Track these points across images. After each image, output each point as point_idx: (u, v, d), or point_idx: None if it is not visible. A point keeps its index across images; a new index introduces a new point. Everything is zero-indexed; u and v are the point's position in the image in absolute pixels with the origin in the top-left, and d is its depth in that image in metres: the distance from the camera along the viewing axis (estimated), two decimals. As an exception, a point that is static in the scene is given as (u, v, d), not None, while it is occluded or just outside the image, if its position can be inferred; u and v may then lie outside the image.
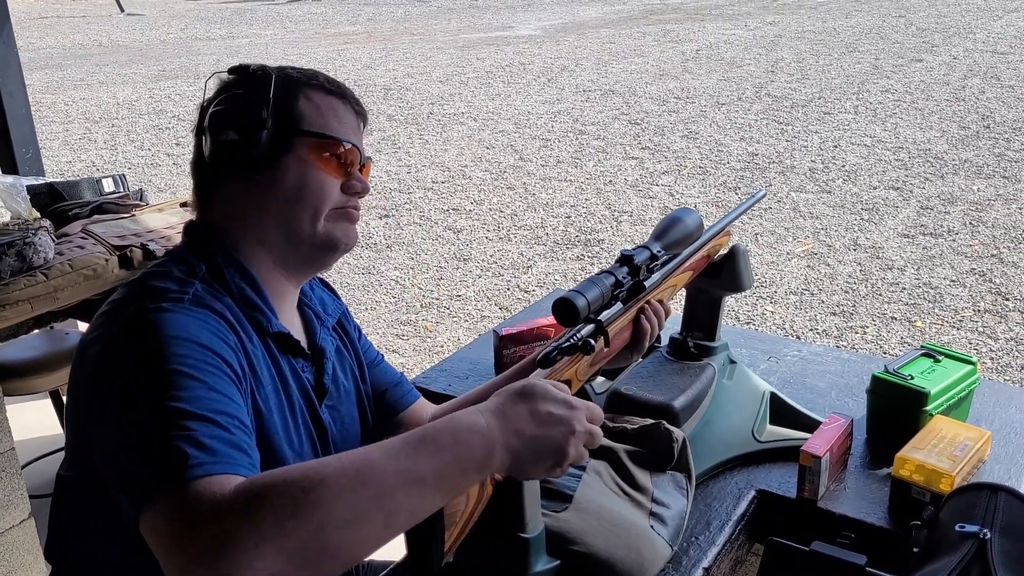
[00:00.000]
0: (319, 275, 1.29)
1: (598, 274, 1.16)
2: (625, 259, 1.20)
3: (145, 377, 0.91)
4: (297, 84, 1.15)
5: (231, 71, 1.16)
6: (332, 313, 1.30)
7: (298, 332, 1.21)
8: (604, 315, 1.18)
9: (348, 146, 1.15)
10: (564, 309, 1.09)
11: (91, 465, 0.98)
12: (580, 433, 0.93)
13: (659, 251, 1.25)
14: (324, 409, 1.20)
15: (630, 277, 1.20)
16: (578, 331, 1.15)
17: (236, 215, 1.13)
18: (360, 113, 1.21)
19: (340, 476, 0.78)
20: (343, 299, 1.39)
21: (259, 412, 1.06)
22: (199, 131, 1.15)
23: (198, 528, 0.77)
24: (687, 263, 1.37)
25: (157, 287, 1.02)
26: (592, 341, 1.16)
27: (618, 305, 1.21)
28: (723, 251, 1.53)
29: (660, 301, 1.30)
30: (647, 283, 1.26)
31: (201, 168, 1.16)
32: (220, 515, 0.77)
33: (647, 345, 1.27)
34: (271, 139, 1.10)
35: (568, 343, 1.13)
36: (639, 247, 1.24)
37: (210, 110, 1.13)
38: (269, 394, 1.09)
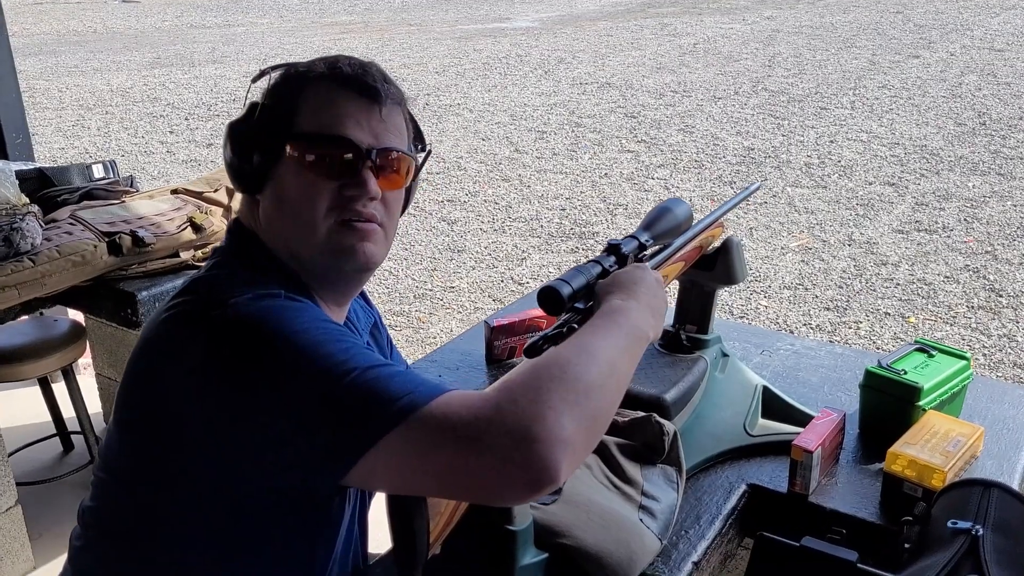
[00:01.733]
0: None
1: (585, 263, 1.14)
2: (612, 248, 1.18)
3: (294, 354, 0.86)
4: (297, 80, 1.05)
5: (255, 78, 1.10)
6: (364, 325, 1.24)
7: None
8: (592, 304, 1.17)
9: (338, 140, 1.01)
10: (549, 297, 1.07)
11: (163, 488, 0.94)
12: (662, 280, 1.14)
13: (647, 240, 1.24)
14: None
15: (618, 266, 1.18)
16: (567, 320, 1.14)
17: (263, 230, 1.07)
18: (375, 98, 1.04)
19: (579, 354, 0.89)
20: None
21: None
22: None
23: (490, 420, 0.80)
24: (679, 254, 1.35)
25: (235, 287, 0.95)
26: (578, 328, 1.14)
27: None
28: (716, 243, 1.51)
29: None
30: None
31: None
32: (503, 405, 0.81)
33: None
34: (263, 151, 1.03)
35: (555, 332, 1.12)
36: (627, 237, 1.23)
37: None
38: None
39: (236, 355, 0.88)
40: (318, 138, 1.02)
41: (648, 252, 1.27)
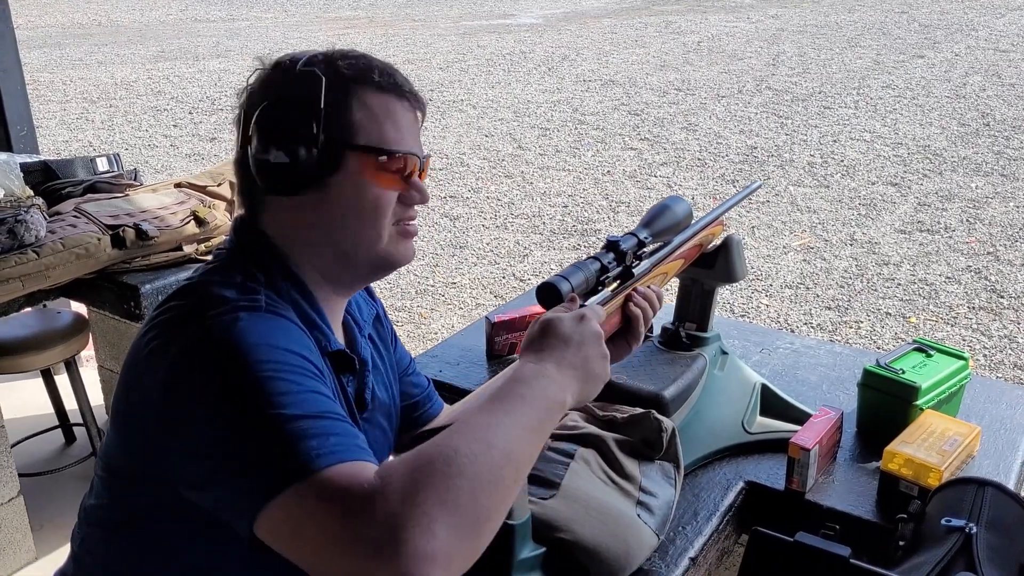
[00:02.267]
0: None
1: (584, 259, 1.15)
2: (611, 245, 1.19)
3: (239, 388, 0.85)
4: (350, 86, 1.01)
5: (276, 65, 1.03)
6: (367, 318, 1.23)
7: (343, 342, 1.15)
8: (591, 300, 1.17)
9: (406, 156, 1.03)
10: (547, 293, 1.08)
11: (153, 488, 0.94)
12: (602, 333, 1.02)
13: (646, 237, 1.24)
14: (362, 422, 1.14)
15: (616, 262, 1.19)
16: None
17: (285, 232, 1.04)
18: (418, 106, 1.07)
19: (470, 443, 0.81)
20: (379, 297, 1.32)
21: None
22: (242, 129, 1.03)
23: (354, 511, 0.76)
24: (679, 251, 1.36)
25: (224, 295, 0.94)
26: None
27: (606, 291, 1.20)
28: (717, 241, 1.52)
29: (650, 287, 1.28)
30: (636, 270, 1.25)
31: (245, 172, 1.04)
32: (375, 497, 0.76)
33: (642, 332, 1.25)
34: (321, 158, 0.99)
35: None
36: (626, 234, 1.23)
37: (254, 117, 1.00)
38: None
39: (196, 372, 0.88)
40: (387, 152, 1.02)
41: (648, 249, 1.28)
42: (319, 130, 0.98)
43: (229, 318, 0.90)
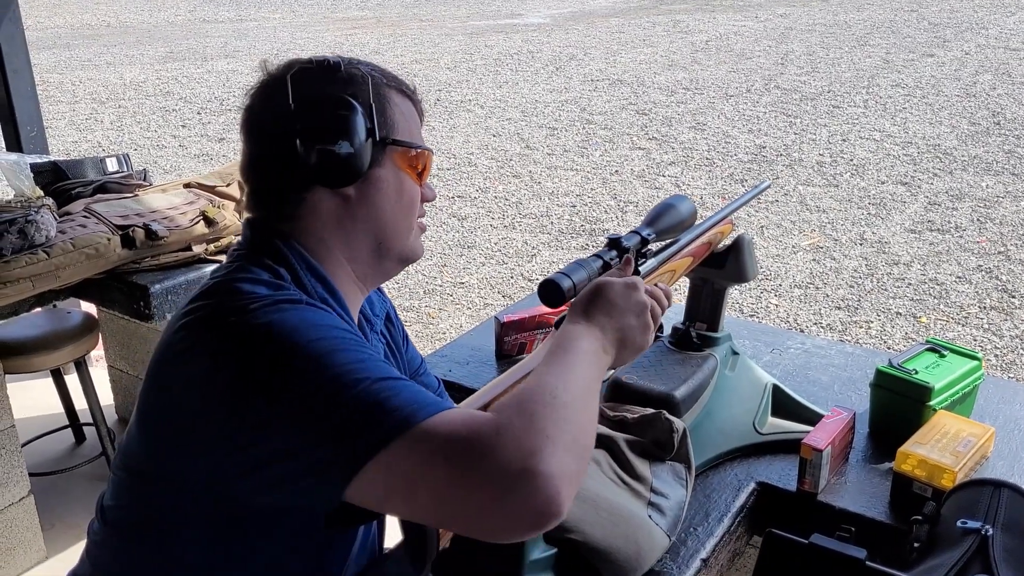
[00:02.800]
0: None
1: (586, 257, 1.14)
2: (613, 242, 1.18)
3: (309, 361, 0.86)
4: (383, 87, 1.07)
5: (308, 62, 1.05)
6: (379, 314, 1.24)
7: None
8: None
9: (430, 153, 1.12)
10: (549, 290, 1.08)
11: (176, 489, 0.93)
12: (649, 305, 1.07)
13: (649, 235, 1.24)
14: None
15: (619, 260, 1.18)
16: (557, 322, 1.14)
17: (323, 231, 1.05)
18: (422, 112, 1.15)
19: (553, 380, 0.88)
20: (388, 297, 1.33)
21: None
22: (274, 127, 1.03)
23: (486, 444, 0.79)
24: (687, 249, 1.35)
25: (256, 292, 0.94)
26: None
27: None
28: (727, 241, 1.51)
29: (657, 285, 1.27)
30: (643, 268, 1.24)
31: (273, 173, 1.05)
32: (501, 430, 0.80)
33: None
34: (372, 150, 1.04)
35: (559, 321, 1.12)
36: (630, 232, 1.23)
37: (298, 111, 1.01)
38: None
39: (248, 366, 0.87)
40: (418, 148, 1.09)
41: (656, 247, 1.27)
42: (372, 124, 1.03)
43: (273, 308, 0.91)
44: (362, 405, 0.83)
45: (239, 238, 1.09)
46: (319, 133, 1.00)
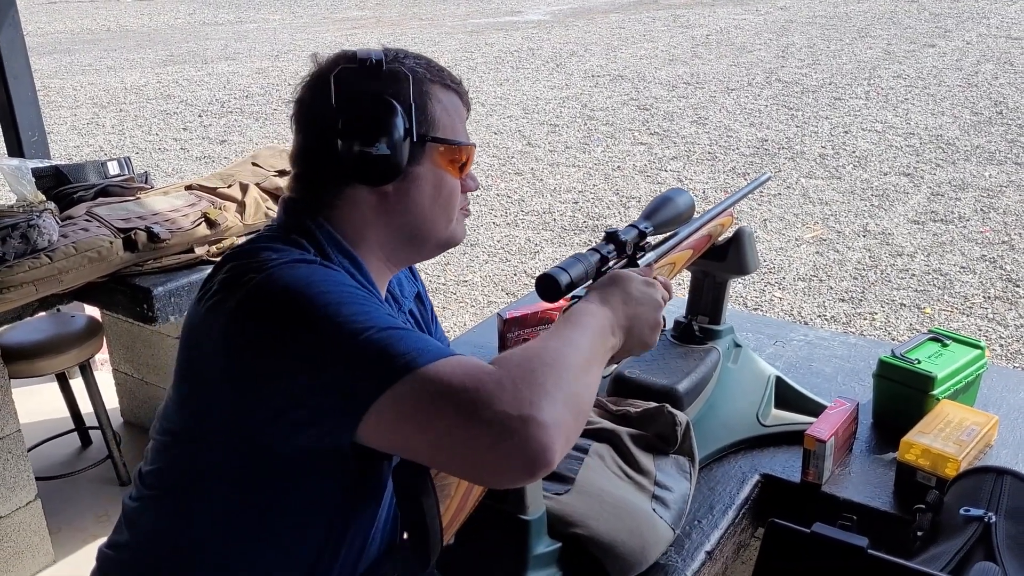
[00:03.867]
0: None
1: (584, 251, 1.15)
2: (611, 236, 1.19)
3: (322, 308, 0.90)
4: (427, 83, 1.09)
5: (352, 60, 1.07)
6: (407, 295, 1.28)
7: None
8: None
9: (470, 148, 1.14)
10: (546, 285, 1.08)
11: (213, 445, 0.98)
12: (663, 304, 1.10)
13: (647, 228, 1.24)
14: None
15: (617, 253, 1.18)
16: (568, 308, 1.14)
17: (360, 223, 1.09)
18: (468, 104, 1.18)
19: (558, 344, 0.93)
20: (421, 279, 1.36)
21: None
22: (316, 121, 1.07)
23: (489, 391, 0.83)
24: (686, 241, 1.35)
25: (277, 256, 0.99)
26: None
27: None
28: (728, 233, 1.51)
29: (656, 278, 1.27)
30: (641, 261, 1.24)
31: (317, 165, 1.08)
32: (503, 379, 0.84)
33: None
34: (411, 150, 1.06)
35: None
36: (628, 226, 1.23)
37: (340, 110, 1.04)
38: None
39: (261, 319, 0.92)
40: (457, 144, 1.11)
41: (655, 240, 1.27)
42: (411, 123, 1.05)
43: (287, 266, 0.95)
44: (368, 351, 0.87)
45: (265, 227, 1.11)
46: (358, 133, 1.03)
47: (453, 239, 1.17)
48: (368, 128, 1.03)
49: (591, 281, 1.16)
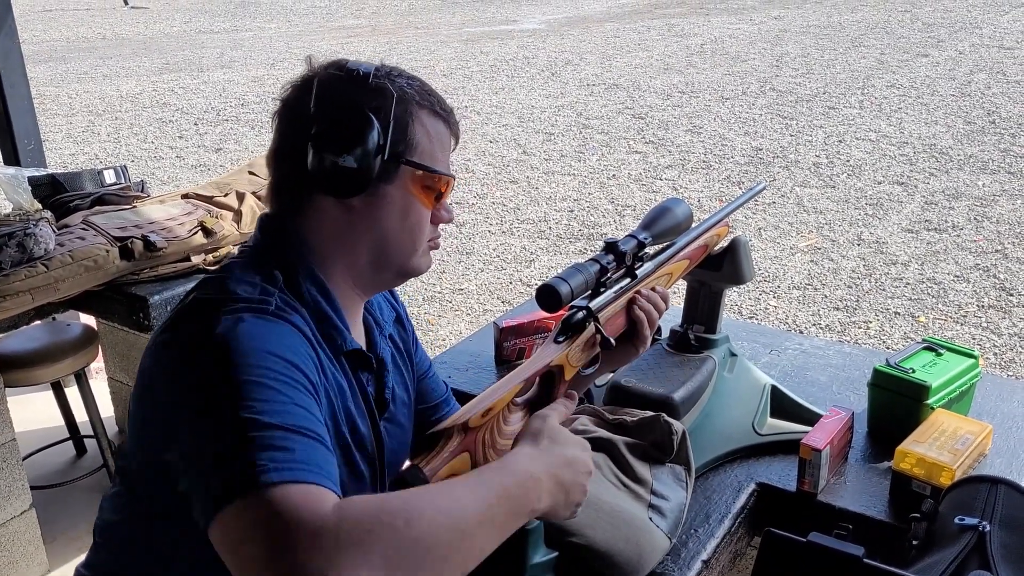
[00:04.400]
0: None
1: (583, 261, 1.15)
2: (610, 246, 1.19)
3: (224, 385, 0.86)
4: (413, 104, 1.06)
5: (344, 72, 1.04)
6: (388, 318, 1.24)
7: (361, 341, 1.16)
8: (594, 302, 1.18)
9: (448, 179, 1.10)
10: (547, 295, 1.08)
11: (157, 465, 0.94)
12: (590, 473, 1.02)
13: (645, 238, 1.24)
14: (383, 423, 1.15)
15: (616, 264, 1.19)
16: (568, 318, 1.15)
17: (325, 234, 1.06)
18: (457, 135, 1.14)
19: (436, 512, 0.79)
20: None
21: (329, 427, 1.00)
22: (294, 126, 1.05)
23: (299, 538, 0.73)
24: (683, 252, 1.36)
25: (238, 293, 0.96)
26: (585, 325, 1.16)
27: (609, 292, 1.21)
28: (724, 243, 1.52)
29: (655, 289, 1.28)
30: (639, 271, 1.25)
31: (288, 169, 1.07)
32: (324, 532, 0.74)
33: (647, 335, 1.25)
34: (382, 167, 1.03)
35: (558, 329, 1.14)
36: (626, 236, 1.24)
37: (321, 118, 1.02)
38: (340, 408, 1.05)
39: (181, 369, 0.91)
40: (434, 172, 1.07)
41: (651, 250, 1.28)
42: (386, 141, 1.02)
43: (233, 318, 0.92)
44: (239, 446, 0.81)
45: (240, 246, 1.10)
46: (329, 142, 1.01)
47: (415, 270, 1.12)
48: (340, 138, 1.01)
49: (590, 292, 1.17)
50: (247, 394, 0.85)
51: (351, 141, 1.01)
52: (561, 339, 1.14)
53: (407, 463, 0.97)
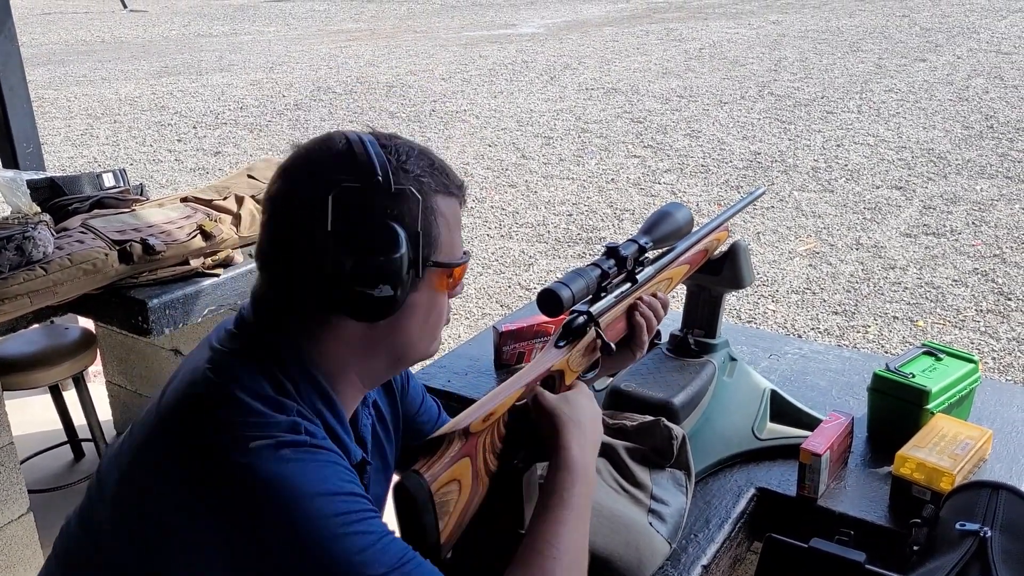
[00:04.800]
0: None
1: (584, 266, 1.15)
2: (611, 251, 1.19)
3: (311, 548, 0.82)
4: (432, 197, 0.96)
5: (351, 180, 0.91)
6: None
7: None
8: (595, 306, 1.18)
9: (466, 263, 1.03)
10: (548, 300, 1.08)
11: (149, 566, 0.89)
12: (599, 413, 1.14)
13: (646, 243, 1.25)
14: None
15: (617, 268, 1.19)
16: (569, 322, 1.15)
17: (341, 353, 0.97)
18: (465, 201, 1.04)
19: (557, 559, 0.97)
20: None
21: None
22: (302, 239, 0.92)
23: None
24: (683, 256, 1.36)
25: (256, 412, 0.88)
26: (586, 329, 1.16)
27: (609, 297, 1.21)
28: (723, 248, 1.52)
29: (655, 295, 1.28)
30: (640, 276, 1.25)
31: (299, 292, 0.95)
32: None
33: (646, 340, 1.26)
34: (413, 283, 0.95)
35: (559, 334, 1.14)
36: (627, 240, 1.24)
37: (338, 242, 0.90)
38: None
39: (250, 527, 0.83)
40: (457, 264, 1.00)
41: (652, 255, 1.28)
42: (416, 255, 0.93)
43: (273, 459, 0.85)
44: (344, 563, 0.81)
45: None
46: (358, 275, 0.91)
47: (428, 355, 1.07)
48: (370, 268, 0.90)
49: (591, 296, 1.17)
50: (343, 553, 0.82)
51: (383, 270, 0.91)
52: (562, 344, 1.14)
53: (408, 469, 0.96)
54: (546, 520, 0.99)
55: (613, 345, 1.18)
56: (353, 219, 0.90)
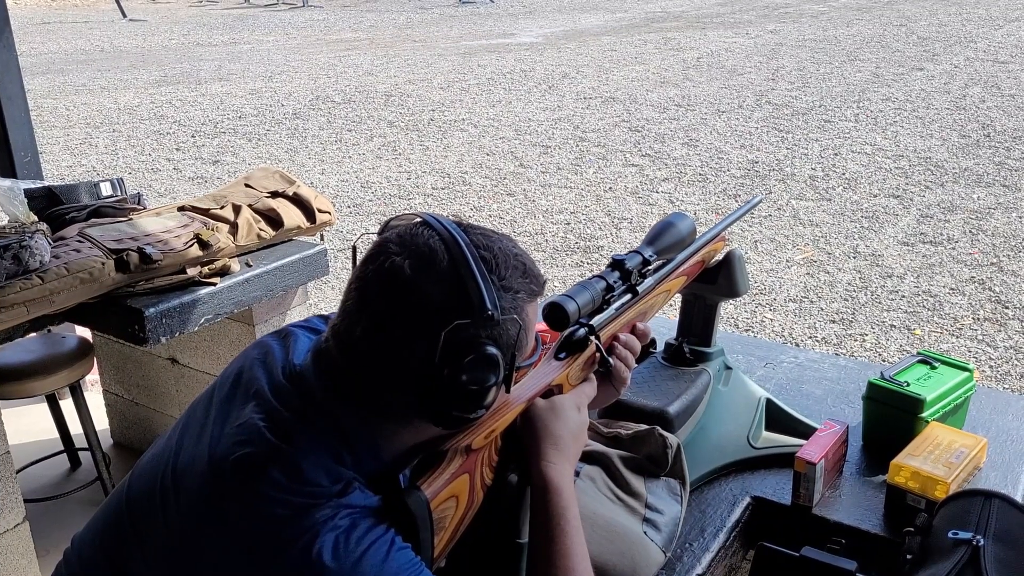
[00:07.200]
0: None
1: (589, 279, 1.15)
2: (616, 264, 1.19)
3: None
4: (525, 309, 0.98)
5: (464, 315, 0.92)
6: None
7: None
8: (596, 319, 1.18)
9: (536, 361, 1.07)
10: (554, 313, 1.08)
11: None
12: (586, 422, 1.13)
13: (651, 255, 1.25)
14: None
15: (622, 282, 1.19)
16: (569, 335, 1.15)
17: (412, 444, 0.99)
18: (542, 293, 1.05)
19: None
20: None
21: None
22: (408, 358, 0.93)
23: None
24: (681, 268, 1.36)
25: (319, 492, 0.89)
26: (587, 343, 1.15)
27: (610, 309, 1.21)
28: (719, 256, 1.52)
29: (635, 328, 1.26)
30: (640, 288, 1.25)
31: (393, 397, 0.96)
32: None
33: (626, 378, 1.23)
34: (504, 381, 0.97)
35: (559, 345, 1.14)
36: (631, 252, 1.24)
37: (444, 373, 0.92)
38: None
39: None
40: (531, 364, 1.06)
41: (652, 267, 1.28)
42: (510, 371, 0.97)
43: (352, 548, 0.87)
44: None
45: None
46: (456, 398, 0.94)
47: None
48: (471, 396, 0.93)
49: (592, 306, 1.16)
50: None
51: (481, 397, 0.94)
52: (562, 356, 1.14)
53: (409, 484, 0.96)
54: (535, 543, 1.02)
55: (612, 360, 1.18)
56: (461, 352, 0.92)
